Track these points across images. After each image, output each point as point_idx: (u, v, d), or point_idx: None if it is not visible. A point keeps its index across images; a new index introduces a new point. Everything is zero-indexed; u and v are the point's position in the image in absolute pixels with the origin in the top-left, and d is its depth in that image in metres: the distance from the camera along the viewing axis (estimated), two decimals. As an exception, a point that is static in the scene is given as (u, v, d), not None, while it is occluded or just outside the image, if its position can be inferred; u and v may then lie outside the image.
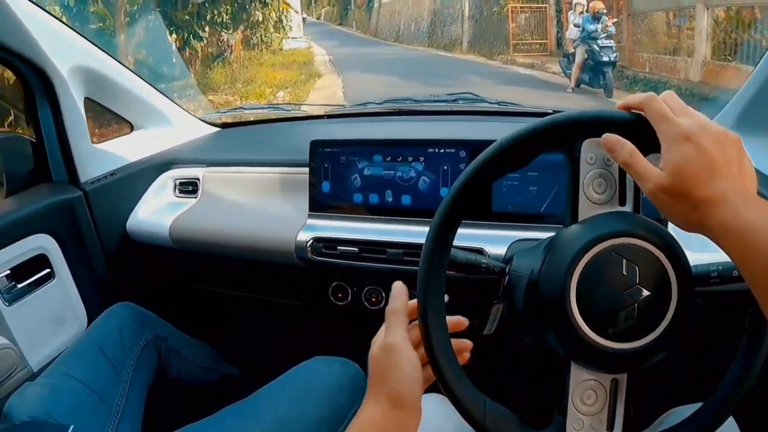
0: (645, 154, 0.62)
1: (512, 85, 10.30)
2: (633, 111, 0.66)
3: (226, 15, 11.62)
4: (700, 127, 0.59)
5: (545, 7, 14.75)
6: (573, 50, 9.77)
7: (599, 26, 9.01)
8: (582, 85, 9.46)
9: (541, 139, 0.70)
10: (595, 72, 8.98)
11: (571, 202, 0.73)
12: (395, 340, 0.69)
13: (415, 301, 0.72)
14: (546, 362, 0.76)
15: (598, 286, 0.66)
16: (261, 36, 14.11)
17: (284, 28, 16.83)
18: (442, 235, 0.72)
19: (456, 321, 0.77)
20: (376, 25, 30.07)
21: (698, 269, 0.73)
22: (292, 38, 21.79)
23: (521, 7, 15.14)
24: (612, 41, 9.01)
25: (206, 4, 10.46)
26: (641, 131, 0.63)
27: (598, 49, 8.85)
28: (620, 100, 0.69)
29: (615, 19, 9.77)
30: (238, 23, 12.48)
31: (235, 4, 11.83)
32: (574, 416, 0.72)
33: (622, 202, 0.72)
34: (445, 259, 0.72)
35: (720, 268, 0.73)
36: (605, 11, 9.36)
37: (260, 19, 13.26)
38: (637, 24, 10.64)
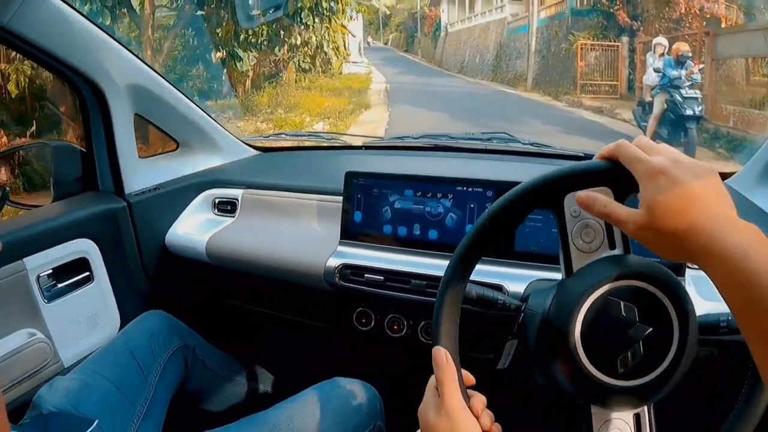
0: (626, 196, 0.73)
1: (576, 134, 9.86)
2: (607, 159, 0.73)
3: (262, 36, 11.99)
4: (673, 161, 0.66)
5: (617, 46, 14.53)
6: (650, 98, 8.92)
7: (683, 72, 8.25)
8: (658, 140, 8.05)
9: (529, 201, 0.78)
10: (675, 126, 8.11)
11: (563, 255, 0.82)
12: (456, 407, 0.73)
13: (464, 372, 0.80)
14: (559, 401, 0.88)
15: (600, 330, 0.74)
16: (299, 61, 14.42)
17: (339, 53, 17.10)
18: (459, 272, 0.81)
19: (464, 375, 0.82)
20: (441, 54, 31.37)
21: (709, 318, 0.83)
22: (353, 62, 22.80)
23: (591, 45, 14.97)
24: (698, 92, 8.18)
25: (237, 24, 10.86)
26: (618, 176, 0.70)
27: (681, 99, 8.01)
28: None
29: (701, 65, 9.09)
30: (274, 45, 12.84)
31: (275, 26, 12.20)
32: None
33: (612, 246, 0.80)
34: (461, 294, 0.82)
35: (729, 318, 0.81)
36: (690, 54, 8.63)
37: (298, 43, 13.55)
38: (718, 70, 10.05)
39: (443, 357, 0.76)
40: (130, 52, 1.59)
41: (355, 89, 17.37)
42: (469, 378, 0.80)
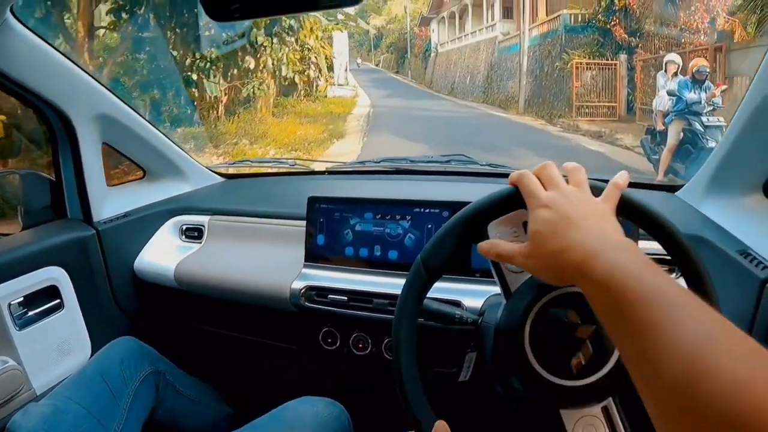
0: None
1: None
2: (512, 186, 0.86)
3: (211, 61, 12.11)
4: (561, 195, 0.78)
5: (615, 64, 14.60)
6: (662, 127, 8.00)
7: (703, 96, 7.25)
8: (672, 175, 7.38)
9: (453, 241, 0.91)
10: (695, 161, 6.98)
11: (498, 279, 0.96)
12: None
13: None
14: (518, 409, 1.03)
15: (549, 337, 0.88)
16: (254, 87, 14.23)
17: (321, 75, 17.55)
18: (414, 289, 0.94)
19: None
20: (432, 75, 32.58)
21: None
22: (338, 85, 23.16)
23: (587, 64, 14.99)
24: (721, 119, 7.07)
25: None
26: (521, 202, 0.84)
27: (701, 129, 7.03)
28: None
29: (723, 86, 8.05)
30: (227, 69, 12.96)
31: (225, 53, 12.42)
32: None
33: None
34: (419, 309, 0.94)
35: None
36: (708, 71, 7.65)
37: (251, 67, 13.53)
38: (731, 90, 9.20)
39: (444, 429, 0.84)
40: (98, 82, 1.75)
41: (337, 114, 17.52)
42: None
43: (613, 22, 15.07)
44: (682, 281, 0.90)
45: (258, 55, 13.37)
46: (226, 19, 1.15)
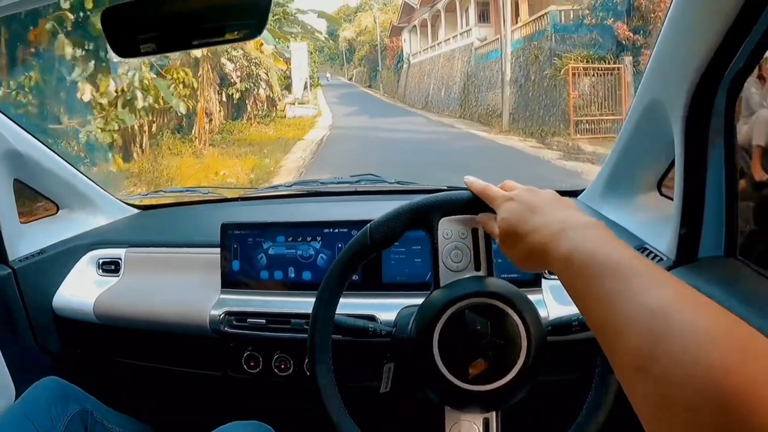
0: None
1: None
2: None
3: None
4: (523, 191, 1.03)
5: (620, 68, 14.12)
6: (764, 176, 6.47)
7: None
8: None
9: (404, 222, 1.15)
10: None
11: (433, 272, 1.17)
12: None
13: None
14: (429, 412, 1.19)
15: (457, 339, 1.07)
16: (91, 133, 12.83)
17: (273, 92, 18.15)
18: (324, 306, 1.17)
19: None
20: (404, 88, 35.03)
21: (562, 320, 1.21)
22: (299, 104, 23.76)
23: (584, 68, 14.37)
24: None
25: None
26: (478, 206, 1.12)
27: None
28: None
29: None
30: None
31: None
32: None
33: (477, 268, 1.16)
34: (331, 324, 1.18)
35: (580, 317, 1.16)
36: None
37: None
38: None
39: None
40: (6, 116, 1.98)
41: (285, 140, 17.68)
42: None
43: (612, 17, 14.62)
44: None
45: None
46: (133, 56, 1.39)
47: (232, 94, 17.03)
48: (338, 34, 60.62)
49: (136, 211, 2.64)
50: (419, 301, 1.40)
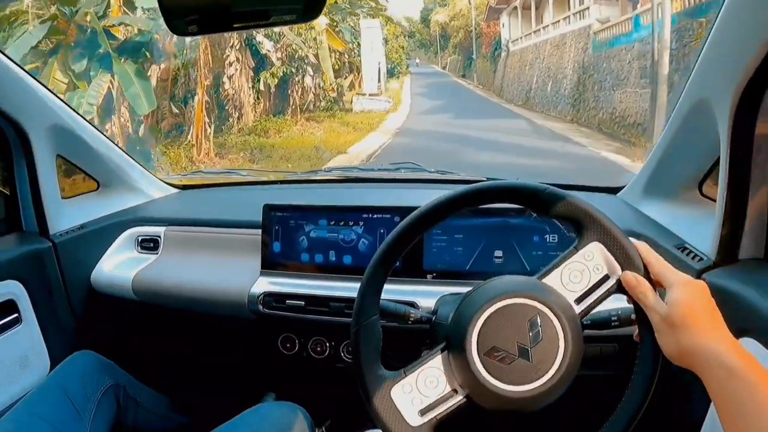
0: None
1: None
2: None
3: None
4: (691, 282, 1.03)
5: None
6: None
7: None
8: None
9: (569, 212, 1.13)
10: None
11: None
12: None
13: None
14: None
15: (496, 335, 1.05)
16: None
17: (324, 81, 16.04)
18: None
19: None
20: (501, 80, 31.32)
21: (601, 315, 1.22)
22: (369, 96, 20.96)
23: None
24: None
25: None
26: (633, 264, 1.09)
27: None
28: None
29: None
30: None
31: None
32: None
33: (578, 301, 1.11)
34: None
35: (620, 313, 1.18)
36: None
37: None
38: None
39: None
40: (51, 92, 2.01)
41: (323, 150, 15.16)
42: None
43: None
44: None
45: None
46: (184, 34, 1.37)
47: (268, 80, 14.94)
48: (430, 19, 56.84)
49: (175, 190, 2.67)
50: (458, 289, 1.45)
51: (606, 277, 1.11)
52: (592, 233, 1.12)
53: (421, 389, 1.12)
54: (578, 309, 1.11)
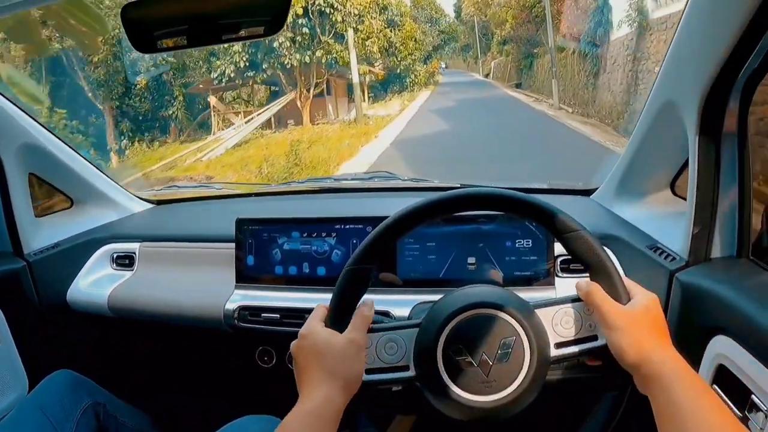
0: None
1: None
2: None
3: None
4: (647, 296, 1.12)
5: None
6: None
7: None
8: None
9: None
10: None
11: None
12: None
13: None
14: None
15: (467, 335, 1.09)
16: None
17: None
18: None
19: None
20: (615, 91, 16.70)
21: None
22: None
23: None
24: None
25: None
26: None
27: None
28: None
29: None
30: None
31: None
32: None
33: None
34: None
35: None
36: None
37: None
38: None
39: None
40: (22, 110, 2.02)
41: None
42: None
43: None
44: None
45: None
46: (151, 51, 1.35)
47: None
48: (462, 9, 47.10)
49: (149, 205, 2.68)
50: (432, 297, 1.47)
51: (594, 337, 1.13)
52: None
53: (380, 353, 1.17)
54: (554, 353, 1.13)
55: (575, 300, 1.14)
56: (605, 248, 1.16)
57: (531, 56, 28.37)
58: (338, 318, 1.17)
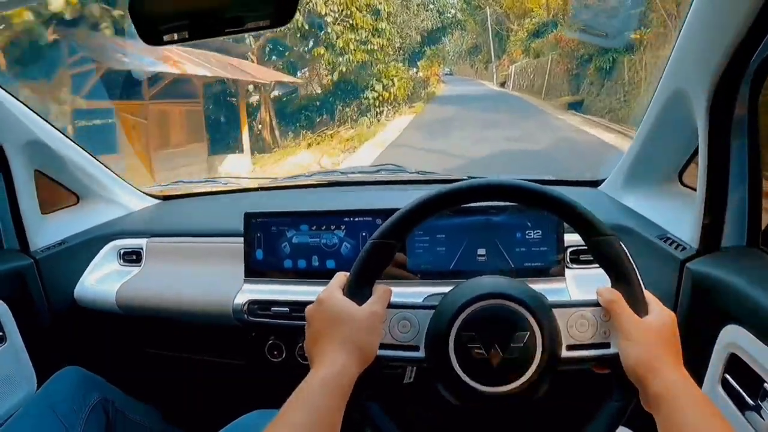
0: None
1: None
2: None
3: None
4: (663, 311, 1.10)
5: None
6: None
7: None
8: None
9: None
10: None
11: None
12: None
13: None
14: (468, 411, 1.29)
15: (475, 335, 1.07)
16: None
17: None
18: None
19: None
20: None
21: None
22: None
23: None
24: None
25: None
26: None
27: None
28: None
29: None
30: None
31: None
32: None
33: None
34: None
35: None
36: None
37: None
38: None
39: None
40: (27, 107, 2.03)
41: None
42: None
43: None
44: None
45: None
46: (158, 43, 1.35)
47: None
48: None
49: (156, 201, 2.69)
50: (442, 289, 1.44)
51: (607, 345, 1.12)
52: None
53: (392, 330, 1.16)
54: (565, 355, 1.12)
55: (594, 305, 1.13)
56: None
57: (585, 59, 18.57)
58: (358, 289, 1.16)
